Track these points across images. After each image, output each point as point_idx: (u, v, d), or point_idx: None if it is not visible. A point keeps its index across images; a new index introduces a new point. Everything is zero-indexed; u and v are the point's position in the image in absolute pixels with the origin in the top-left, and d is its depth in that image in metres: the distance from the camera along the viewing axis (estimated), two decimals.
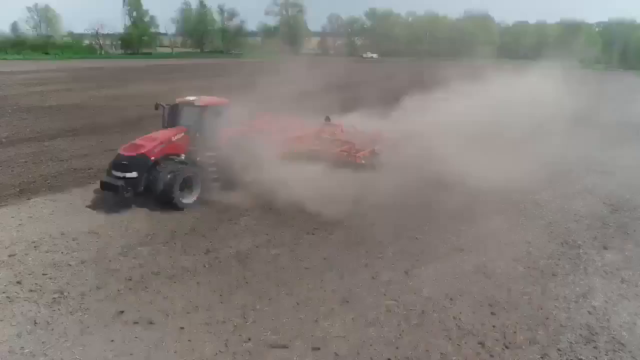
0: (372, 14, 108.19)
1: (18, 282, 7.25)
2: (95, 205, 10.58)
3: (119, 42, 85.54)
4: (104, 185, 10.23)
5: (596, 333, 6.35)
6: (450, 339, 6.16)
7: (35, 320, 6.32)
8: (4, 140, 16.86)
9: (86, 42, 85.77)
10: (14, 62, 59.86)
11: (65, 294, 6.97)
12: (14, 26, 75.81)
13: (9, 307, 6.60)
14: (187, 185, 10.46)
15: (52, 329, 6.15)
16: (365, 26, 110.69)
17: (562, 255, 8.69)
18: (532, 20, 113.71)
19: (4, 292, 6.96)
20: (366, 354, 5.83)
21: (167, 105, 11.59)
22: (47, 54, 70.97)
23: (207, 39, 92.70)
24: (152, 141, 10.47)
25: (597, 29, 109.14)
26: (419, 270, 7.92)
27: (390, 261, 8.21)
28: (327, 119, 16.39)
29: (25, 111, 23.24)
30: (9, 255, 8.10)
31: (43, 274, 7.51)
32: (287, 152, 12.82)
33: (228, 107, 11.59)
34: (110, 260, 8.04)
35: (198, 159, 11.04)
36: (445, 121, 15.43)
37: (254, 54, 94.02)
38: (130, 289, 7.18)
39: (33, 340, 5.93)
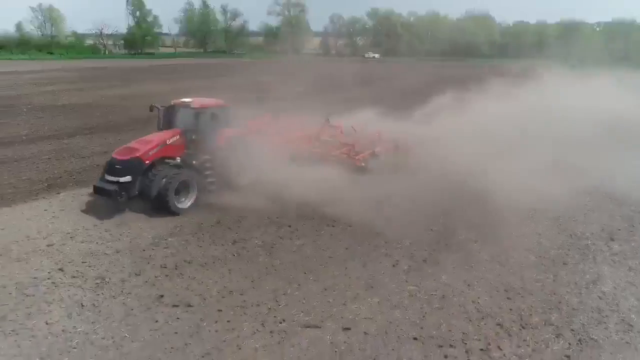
0: (374, 13, 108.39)
1: (60, 269, 7.69)
2: None
3: (122, 42, 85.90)
4: (97, 190, 10.00)
5: (606, 315, 6.78)
6: (470, 320, 6.59)
7: (81, 303, 6.76)
8: (24, 137, 17.35)
9: (89, 42, 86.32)
10: (19, 61, 60.37)
11: (106, 279, 7.42)
12: (19, 26, 76.18)
13: (56, 291, 7.05)
14: (182, 189, 10.23)
15: (99, 311, 6.59)
16: (367, 26, 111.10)
17: (572, 245, 9.13)
18: (532, 21, 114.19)
19: (49, 278, 7.40)
20: (393, 333, 6.26)
21: (162, 107, 11.28)
22: (51, 53, 71.42)
23: (210, 39, 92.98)
24: (147, 144, 10.19)
25: (597, 29, 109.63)
26: (437, 259, 8.36)
27: (408, 250, 8.64)
28: (327, 120, 16.26)
29: (40, 110, 23.78)
30: (48, 245, 8.55)
31: (82, 262, 7.96)
32: (286, 154, 12.80)
33: (224, 109, 11.47)
34: (143, 250, 8.49)
35: (194, 162, 10.76)
36: (476, 125, 15.14)
37: (256, 54, 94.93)
38: (166, 275, 7.63)
39: (83, 320, 6.37)
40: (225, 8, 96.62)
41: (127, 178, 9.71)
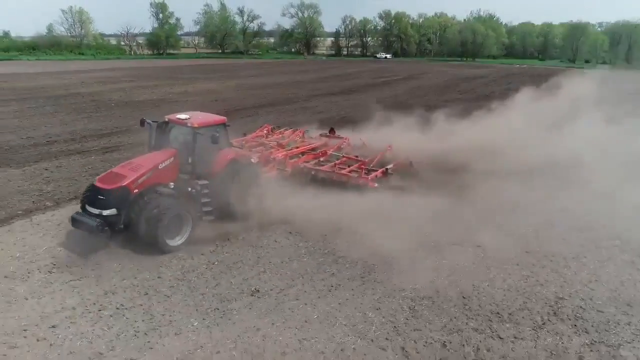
0: (386, 15, 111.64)
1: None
2: None
3: (146, 42, 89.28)
4: (75, 223, 8.76)
5: None
6: None
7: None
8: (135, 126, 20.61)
9: (113, 42, 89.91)
10: (57, 62, 63.55)
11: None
12: (50, 28, 79.80)
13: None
14: (175, 223, 8.87)
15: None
16: (378, 27, 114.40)
17: None
18: (536, 22, 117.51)
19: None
20: None
21: (154, 122, 9.92)
22: (82, 54, 74.79)
23: (228, 40, 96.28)
24: (135, 170, 8.89)
25: (598, 29, 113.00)
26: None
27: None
28: (332, 130, 16.26)
29: (124, 105, 26.98)
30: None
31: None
32: (288, 172, 12.53)
33: (224, 127, 10.22)
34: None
35: (190, 189, 9.57)
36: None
37: (270, 55, 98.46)
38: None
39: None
40: (242, 10, 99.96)
41: (112, 211, 8.47)
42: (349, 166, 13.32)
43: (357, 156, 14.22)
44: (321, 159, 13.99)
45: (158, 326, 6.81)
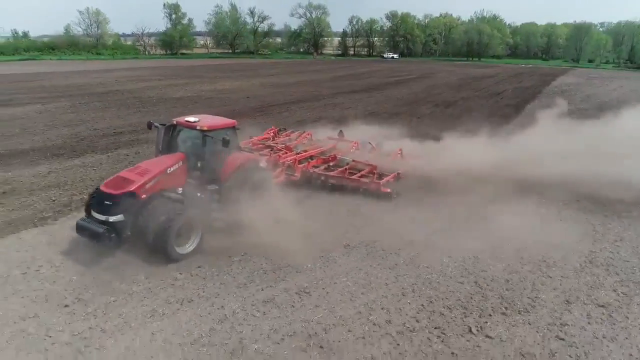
0: (393, 16, 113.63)
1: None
2: None
3: (159, 43, 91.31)
4: (80, 230, 8.43)
5: None
6: None
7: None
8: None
9: (127, 42, 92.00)
10: (78, 62, 65.53)
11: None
12: (67, 28, 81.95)
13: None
14: (185, 230, 8.61)
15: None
16: (384, 28, 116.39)
17: None
18: (535, 22, 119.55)
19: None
20: None
21: (161, 125, 9.72)
22: (99, 54, 76.82)
23: (239, 41, 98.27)
24: (143, 174, 8.61)
25: (600, 29, 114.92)
26: None
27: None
28: (341, 133, 15.72)
29: (164, 102, 28.84)
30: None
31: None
32: (297, 177, 12.41)
33: (233, 130, 9.93)
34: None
35: (199, 194, 9.31)
36: None
37: (279, 55, 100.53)
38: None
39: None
40: (253, 11, 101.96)
41: (119, 217, 8.19)
42: (359, 171, 13.15)
43: (367, 160, 13.73)
44: (330, 163, 13.81)
45: (283, 266, 8.68)
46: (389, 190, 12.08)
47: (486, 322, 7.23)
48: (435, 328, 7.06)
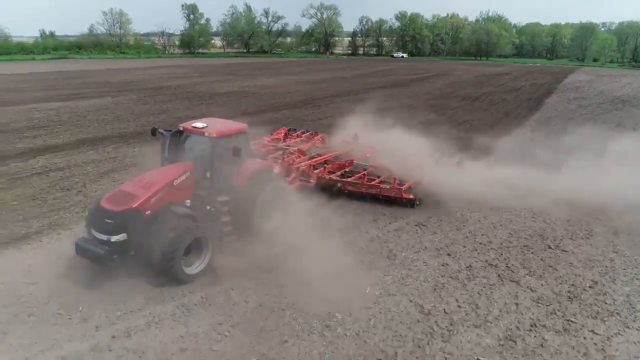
0: (402, 16, 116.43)
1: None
2: None
3: (178, 42, 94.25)
4: (79, 251, 7.72)
5: None
6: None
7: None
8: (249, 110, 25.35)
9: (147, 42, 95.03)
10: (104, 61, 68.37)
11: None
12: (91, 28, 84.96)
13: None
14: (194, 248, 7.96)
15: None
16: (393, 28, 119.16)
17: None
18: (536, 22, 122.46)
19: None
20: None
21: (167, 131, 9.14)
22: (123, 53, 79.74)
23: (254, 40, 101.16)
24: (147, 188, 7.92)
25: (602, 29, 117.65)
26: None
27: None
28: (356, 137, 15.01)
29: (217, 96, 31.55)
30: None
31: None
32: (312, 184, 11.70)
33: (245, 135, 9.28)
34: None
35: (209, 207, 8.60)
36: None
37: (291, 54, 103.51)
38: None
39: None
40: (267, 11, 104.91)
41: (122, 237, 7.49)
42: (378, 177, 12.63)
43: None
44: (347, 169, 13.21)
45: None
46: (412, 196, 11.53)
47: (559, 243, 10.08)
48: (524, 246, 9.93)
